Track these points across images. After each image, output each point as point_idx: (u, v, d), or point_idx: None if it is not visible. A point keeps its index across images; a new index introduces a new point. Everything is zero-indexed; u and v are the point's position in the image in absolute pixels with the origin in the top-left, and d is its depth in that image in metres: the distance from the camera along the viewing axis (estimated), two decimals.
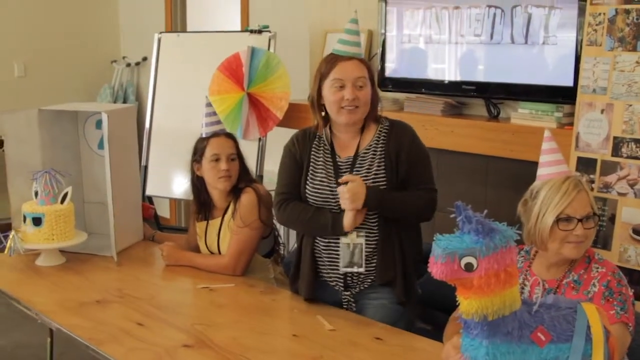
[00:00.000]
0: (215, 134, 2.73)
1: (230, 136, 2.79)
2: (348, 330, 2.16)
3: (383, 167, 2.26)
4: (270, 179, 3.99)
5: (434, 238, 1.47)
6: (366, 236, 2.27)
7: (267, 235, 2.77)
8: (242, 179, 2.76)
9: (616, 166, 2.52)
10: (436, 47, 3.30)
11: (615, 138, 2.52)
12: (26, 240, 2.71)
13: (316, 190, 2.32)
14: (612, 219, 2.54)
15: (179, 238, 3.13)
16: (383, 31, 3.47)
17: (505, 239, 1.42)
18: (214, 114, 2.78)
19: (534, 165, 2.07)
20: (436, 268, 1.43)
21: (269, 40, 3.85)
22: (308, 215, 2.31)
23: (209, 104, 2.78)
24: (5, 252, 2.70)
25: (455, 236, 1.45)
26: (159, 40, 4.24)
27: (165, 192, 4.26)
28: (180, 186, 4.06)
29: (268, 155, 3.95)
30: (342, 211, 2.24)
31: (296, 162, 2.38)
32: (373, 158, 2.28)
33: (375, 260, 2.27)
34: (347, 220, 2.22)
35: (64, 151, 3.07)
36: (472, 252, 1.40)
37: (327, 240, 2.31)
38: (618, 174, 2.52)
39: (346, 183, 2.20)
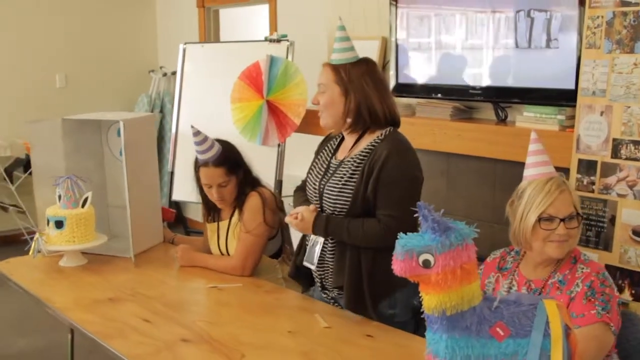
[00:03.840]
0: (204, 164, 2.79)
1: (219, 162, 2.78)
2: (342, 328, 2.23)
3: (353, 182, 2.27)
4: (291, 183, 4.10)
5: (397, 237, 1.54)
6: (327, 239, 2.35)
7: (274, 235, 2.86)
8: (246, 186, 2.85)
9: (616, 168, 2.54)
10: (444, 53, 3.36)
11: (614, 140, 2.54)
12: (49, 243, 2.86)
13: (308, 185, 2.46)
14: (612, 220, 2.55)
15: (197, 240, 3.26)
16: (394, 38, 3.54)
17: (461, 237, 1.48)
18: (203, 141, 2.78)
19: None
20: (396, 264, 1.50)
21: (287, 48, 3.96)
22: (297, 203, 2.49)
23: (196, 133, 2.79)
24: (30, 253, 2.86)
25: (417, 234, 1.52)
26: (184, 50, 4.40)
27: (190, 197, 4.38)
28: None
29: (287, 160, 4.06)
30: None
31: (315, 155, 2.54)
32: (349, 169, 2.30)
33: (332, 265, 2.35)
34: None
35: (88, 158, 3.23)
36: (429, 249, 1.47)
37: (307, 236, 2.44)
38: (617, 175, 2.53)
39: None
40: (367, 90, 2.28)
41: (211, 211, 2.95)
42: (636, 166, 2.48)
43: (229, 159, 2.82)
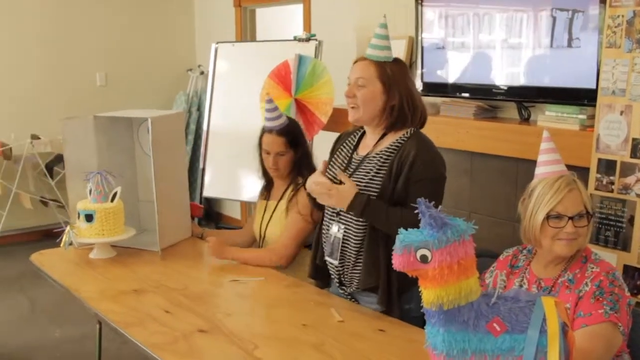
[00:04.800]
0: (269, 130, 2.97)
1: (283, 133, 2.95)
2: (355, 322, 2.28)
3: (380, 177, 2.31)
4: None
5: (398, 232, 1.58)
6: (348, 235, 2.38)
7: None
8: (302, 167, 2.98)
9: (635, 168, 2.52)
10: (468, 52, 3.37)
11: (634, 140, 2.53)
12: (80, 235, 2.97)
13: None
14: (631, 220, 2.54)
15: (227, 233, 3.39)
16: (420, 37, 3.57)
17: (458, 233, 1.51)
18: (274, 109, 2.97)
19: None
20: (395, 259, 1.54)
21: (316, 48, 4.01)
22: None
23: (269, 101, 3.00)
24: (61, 246, 2.97)
25: (416, 230, 1.56)
26: (216, 49, 4.49)
27: (221, 194, 4.51)
28: (235, 187, 4.31)
29: (314, 157, 4.10)
30: None
31: (331, 154, 2.59)
32: (375, 165, 2.34)
33: (360, 265, 2.37)
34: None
35: (120, 154, 3.33)
36: (426, 244, 1.50)
37: (324, 230, 2.49)
38: (637, 175, 2.52)
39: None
40: (410, 87, 2.37)
41: (267, 187, 3.09)
42: None
43: (291, 133, 2.98)
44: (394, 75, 2.35)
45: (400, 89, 2.34)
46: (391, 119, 2.37)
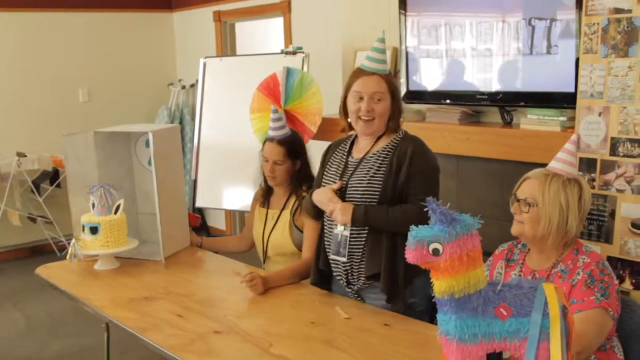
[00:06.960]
0: (270, 139, 3.09)
1: (283, 143, 3.06)
2: (361, 318, 2.41)
3: (381, 174, 2.47)
4: None
5: (402, 228, 1.72)
6: (355, 231, 2.51)
7: None
8: (301, 180, 3.09)
9: (614, 165, 2.70)
10: (452, 60, 3.54)
11: (612, 139, 2.70)
12: (85, 247, 3.06)
13: (325, 184, 2.62)
14: (613, 214, 2.71)
15: (223, 241, 3.49)
16: (404, 46, 3.73)
17: (466, 227, 1.65)
18: (279, 119, 3.11)
19: (543, 167, 2.29)
20: (409, 253, 1.68)
21: (303, 60, 4.15)
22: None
23: (275, 111, 3.14)
24: (67, 258, 3.06)
25: (427, 226, 1.70)
26: (205, 64, 4.61)
27: (213, 204, 4.61)
28: (226, 197, 4.41)
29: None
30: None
31: (322, 165, 2.72)
32: (375, 163, 2.50)
33: (365, 255, 2.50)
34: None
35: (119, 168, 3.43)
36: (438, 239, 1.65)
37: (327, 232, 2.61)
38: (616, 172, 2.70)
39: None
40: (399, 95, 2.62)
41: (266, 195, 3.19)
42: (633, 163, 2.64)
43: (292, 144, 3.10)
44: (395, 86, 2.57)
45: (400, 98, 2.61)
46: (392, 125, 2.56)
